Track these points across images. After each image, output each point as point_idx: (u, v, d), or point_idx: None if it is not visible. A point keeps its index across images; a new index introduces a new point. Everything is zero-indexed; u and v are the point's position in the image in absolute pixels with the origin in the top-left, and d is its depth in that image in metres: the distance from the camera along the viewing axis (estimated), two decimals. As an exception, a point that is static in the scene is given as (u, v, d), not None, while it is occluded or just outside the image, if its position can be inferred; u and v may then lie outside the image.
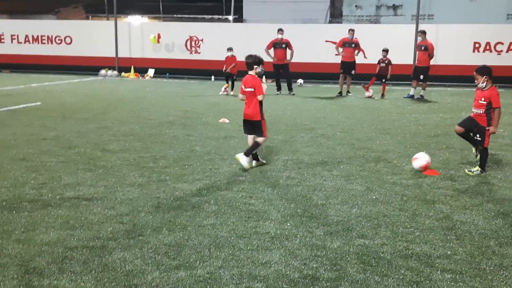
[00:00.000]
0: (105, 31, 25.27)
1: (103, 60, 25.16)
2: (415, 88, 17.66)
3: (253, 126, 7.94)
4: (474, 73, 7.74)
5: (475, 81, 7.76)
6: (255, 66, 7.89)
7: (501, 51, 21.53)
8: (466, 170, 7.68)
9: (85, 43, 25.31)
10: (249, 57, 7.95)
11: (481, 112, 7.69)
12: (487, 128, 7.61)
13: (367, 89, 17.76)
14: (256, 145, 7.88)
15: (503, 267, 4.49)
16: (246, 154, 7.68)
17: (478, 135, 7.75)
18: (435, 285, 4.16)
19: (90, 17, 34.87)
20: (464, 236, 5.21)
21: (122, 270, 4.32)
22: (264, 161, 8.11)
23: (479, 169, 7.62)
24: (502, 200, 6.40)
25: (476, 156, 8.01)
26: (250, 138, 8.02)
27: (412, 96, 17.54)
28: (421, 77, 17.32)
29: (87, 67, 24.95)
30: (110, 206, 5.95)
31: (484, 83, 7.64)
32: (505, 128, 11.46)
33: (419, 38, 18.06)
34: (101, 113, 12.98)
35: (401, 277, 4.29)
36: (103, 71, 24.86)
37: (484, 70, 7.69)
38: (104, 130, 10.69)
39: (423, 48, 17.46)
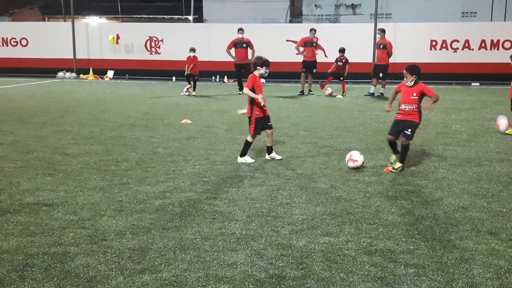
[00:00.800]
0: (62, 33, 24.80)
1: (61, 62, 24.67)
2: (375, 86, 17.94)
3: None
4: (404, 71, 7.67)
5: (404, 78, 7.69)
6: (258, 67, 8.27)
7: (457, 48, 22.06)
8: (390, 168, 7.61)
9: (41, 45, 24.75)
10: (257, 58, 8.44)
11: (415, 107, 7.60)
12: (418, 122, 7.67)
13: (322, 87, 17.98)
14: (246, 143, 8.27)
15: (463, 260, 4.59)
16: (241, 155, 8.20)
17: (409, 130, 7.58)
18: (398, 280, 4.22)
19: (47, 19, 34.15)
20: (426, 231, 5.31)
21: (85, 276, 4.24)
22: (278, 156, 8.38)
23: (401, 164, 7.60)
24: (461, 194, 6.55)
25: (394, 162, 7.77)
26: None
27: (372, 94, 17.81)
28: (381, 75, 17.60)
29: (44, 69, 24.42)
30: (71, 211, 5.83)
31: (412, 82, 7.61)
32: (463, 124, 11.75)
33: (378, 37, 18.36)
34: (59, 116, 12.73)
35: (365, 273, 4.34)
36: (61, 73, 24.39)
37: (415, 70, 7.62)
38: (63, 133, 10.48)
39: (382, 46, 17.76)
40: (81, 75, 24.36)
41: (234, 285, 4.11)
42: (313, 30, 18.22)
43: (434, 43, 22.14)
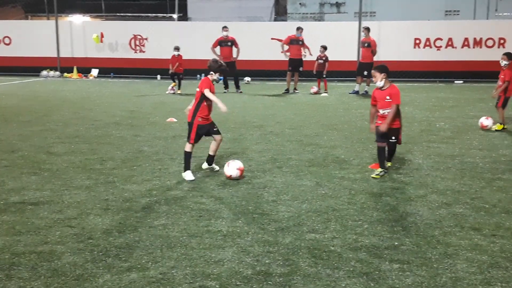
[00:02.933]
0: (45, 31, 24.56)
1: (45, 60, 24.45)
2: (359, 84, 18.04)
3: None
4: (372, 71, 7.44)
5: (373, 79, 7.44)
6: (211, 73, 7.46)
7: (440, 46, 22.24)
8: (373, 175, 7.24)
9: (25, 44, 24.48)
10: (214, 61, 7.54)
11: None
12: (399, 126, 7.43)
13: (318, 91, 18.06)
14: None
15: (447, 256, 4.66)
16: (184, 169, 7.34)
17: (393, 137, 7.40)
18: (383, 275, 4.28)
19: (30, 17, 33.83)
20: (410, 227, 5.38)
21: (72, 275, 4.24)
22: (217, 167, 7.69)
23: (381, 169, 7.32)
24: (445, 191, 6.63)
25: (386, 171, 7.43)
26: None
27: (357, 92, 17.91)
28: (365, 73, 17.70)
29: (28, 68, 24.17)
30: (57, 210, 5.82)
31: (383, 81, 7.31)
32: (446, 121, 11.87)
33: (363, 35, 18.47)
34: (44, 115, 12.64)
35: (351, 269, 4.39)
36: (44, 72, 24.17)
37: (384, 68, 7.33)
38: (48, 132, 10.42)
39: (366, 44, 17.88)
40: (65, 74, 24.17)
41: (221, 282, 4.14)
42: (300, 29, 18.28)
43: (417, 41, 22.30)
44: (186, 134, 7.34)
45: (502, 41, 21.67)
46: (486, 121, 10.81)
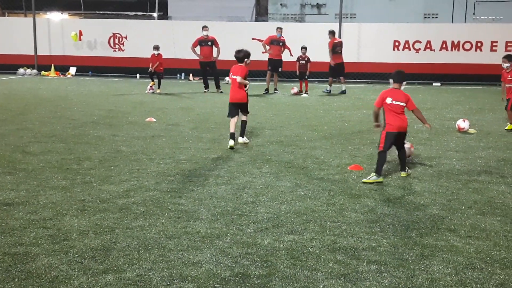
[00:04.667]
0: (23, 28, 24.22)
1: (21, 58, 24.11)
2: (331, 85, 18.47)
3: (241, 107, 9.38)
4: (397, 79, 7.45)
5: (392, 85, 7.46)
6: (245, 60, 9.29)
7: (419, 49, 22.46)
8: (365, 180, 7.11)
9: (1, 41, 24.09)
10: (239, 51, 9.33)
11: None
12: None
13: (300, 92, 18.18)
14: (245, 123, 9.50)
15: (424, 257, 4.69)
16: (241, 135, 9.41)
17: (403, 144, 7.60)
18: (361, 276, 4.29)
19: (6, 14, 33.33)
20: (387, 228, 5.41)
21: (47, 277, 4.17)
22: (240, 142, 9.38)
23: (375, 174, 7.17)
24: (422, 192, 6.69)
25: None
26: (233, 122, 9.19)
27: (329, 91, 18.26)
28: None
29: (4, 65, 23.82)
30: (32, 211, 5.73)
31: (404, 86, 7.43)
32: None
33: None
34: (20, 114, 12.46)
35: (329, 270, 4.39)
36: (21, 70, 23.82)
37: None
38: (24, 131, 10.27)
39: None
40: (43, 72, 23.86)
41: (199, 284, 4.11)
42: (279, 29, 18.34)
43: (397, 43, 22.50)
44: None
45: (479, 44, 21.93)
46: (463, 124, 10.95)
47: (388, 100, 7.29)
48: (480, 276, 4.33)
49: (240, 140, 9.39)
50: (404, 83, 7.49)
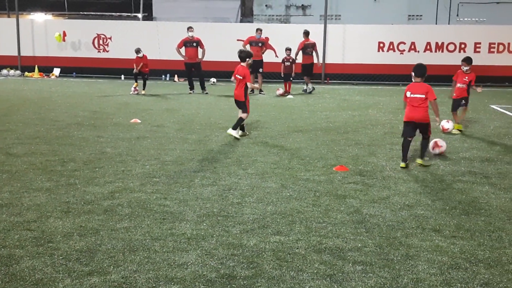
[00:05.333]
0: (6, 29, 23.97)
1: (4, 59, 23.86)
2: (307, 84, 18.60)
3: (239, 104, 10.30)
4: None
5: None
6: (247, 59, 10.22)
7: (404, 50, 22.60)
8: (421, 163, 8.13)
9: (-16, 41, 23.89)
10: (241, 51, 10.48)
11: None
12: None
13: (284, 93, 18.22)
14: (240, 120, 10.09)
15: (409, 257, 4.72)
16: (234, 128, 9.94)
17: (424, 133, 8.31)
18: (347, 277, 4.30)
19: (-11, 14, 32.97)
20: (373, 228, 5.43)
21: (31, 279, 4.13)
22: (247, 133, 10.39)
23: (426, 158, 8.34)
24: (407, 193, 6.73)
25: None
26: (239, 113, 10.26)
27: (305, 91, 18.57)
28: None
29: (-13, 66, 23.60)
30: (16, 213, 5.67)
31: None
32: (408, 124, 12.04)
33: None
34: (3, 115, 12.33)
35: (315, 271, 4.40)
36: (4, 71, 23.60)
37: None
38: (7, 133, 10.16)
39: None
40: (26, 73, 23.64)
41: (185, 286, 4.10)
42: (259, 30, 18.43)
43: (381, 44, 22.60)
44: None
45: (463, 46, 22.15)
46: (447, 124, 11.04)
47: (408, 94, 8.12)
48: (465, 275, 4.37)
49: (228, 131, 10.02)
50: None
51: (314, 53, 18.62)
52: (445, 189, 6.93)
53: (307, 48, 18.50)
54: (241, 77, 10.23)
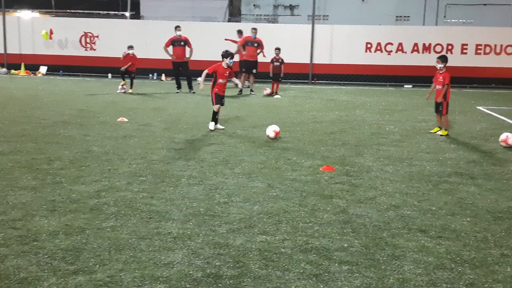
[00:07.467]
0: (-8, 26, 23.78)
1: (-10, 56, 23.69)
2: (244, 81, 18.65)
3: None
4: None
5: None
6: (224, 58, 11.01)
7: (391, 51, 22.71)
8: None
9: (-31, 39, 23.64)
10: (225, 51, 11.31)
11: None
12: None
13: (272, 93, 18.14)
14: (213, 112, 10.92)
15: (395, 257, 4.74)
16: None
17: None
18: (333, 277, 4.31)
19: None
20: (359, 228, 5.45)
21: (16, 278, 4.10)
22: (220, 126, 11.09)
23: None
24: (393, 193, 6.76)
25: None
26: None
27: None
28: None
29: (-28, 64, 23.37)
30: (1, 211, 5.61)
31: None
32: (396, 125, 12.12)
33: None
34: (-12, 113, 12.22)
35: (301, 271, 4.41)
36: (-9, 68, 23.40)
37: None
38: (-7, 130, 10.07)
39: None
40: (12, 71, 23.45)
41: (171, 285, 4.08)
42: (254, 30, 18.32)
43: (369, 45, 22.70)
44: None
45: (450, 47, 22.31)
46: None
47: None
48: (451, 276, 4.40)
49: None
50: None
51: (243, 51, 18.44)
52: (432, 189, 6.97)
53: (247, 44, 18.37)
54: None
